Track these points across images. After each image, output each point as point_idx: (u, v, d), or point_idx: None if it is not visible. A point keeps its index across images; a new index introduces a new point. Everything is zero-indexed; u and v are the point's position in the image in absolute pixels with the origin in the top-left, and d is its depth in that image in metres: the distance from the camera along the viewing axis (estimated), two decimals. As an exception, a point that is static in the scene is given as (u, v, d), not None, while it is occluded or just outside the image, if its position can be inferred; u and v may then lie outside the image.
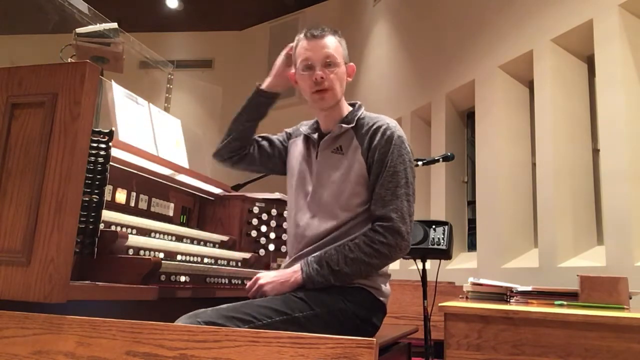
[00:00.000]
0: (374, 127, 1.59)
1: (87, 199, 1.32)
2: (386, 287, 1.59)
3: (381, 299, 1.56)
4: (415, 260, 2.78)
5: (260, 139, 1.80)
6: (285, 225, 2.22)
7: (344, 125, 1.62)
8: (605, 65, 3.29)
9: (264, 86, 1.74)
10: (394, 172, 1.52)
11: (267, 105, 1.76)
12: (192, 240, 1.93)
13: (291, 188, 1.70)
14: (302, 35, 1.63)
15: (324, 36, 1.59)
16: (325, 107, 1.62)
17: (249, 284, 1.54)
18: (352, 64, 1.67)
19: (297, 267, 1.51)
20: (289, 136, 1.81)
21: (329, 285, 1.48)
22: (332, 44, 1.60)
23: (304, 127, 1.75)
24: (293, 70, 1.67)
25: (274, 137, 1.82)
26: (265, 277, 1.51)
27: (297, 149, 1.73)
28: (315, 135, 1.67)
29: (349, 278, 1.49)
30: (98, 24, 2.77)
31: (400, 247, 1.49)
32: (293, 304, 1.42)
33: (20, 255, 1.17)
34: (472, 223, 4.88)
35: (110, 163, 1.38)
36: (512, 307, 1.60)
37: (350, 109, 1.68)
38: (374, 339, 0.94)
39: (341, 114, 1.65)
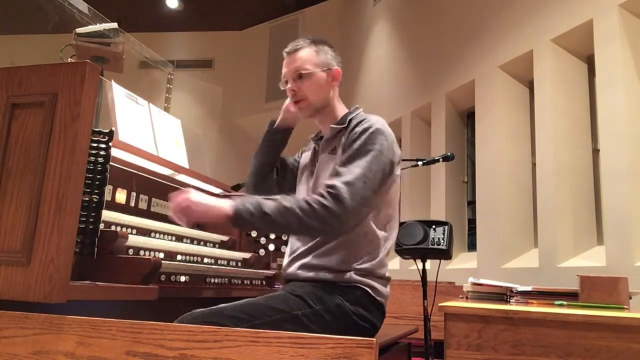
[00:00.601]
0: (357, 123, 1.58)
1: (87, 199, 1.32)
2: (384, 289, 1.59)
3: (379, 299, 1.56)
4: (415, 260, 2.78)
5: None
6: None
7: (333, 126, 1.65)
8: (605, 65, 3.29)
9: (275, 125, 1.76)
10: (356, 154, 1.49)
11: (282, 142, 1.78)
12: (192, 240, 1.93)
13: (298, 192, 1.74)
14: (284, 54, 1.68)
15: (296, 51, 1.64)
16: (305, 115, 1.67)
17: (177, 197, 1.44)
18: (336, 68, 1.67)
19: (229, 201, 1.44)
20: (303, 151, 1.86)
21: (255, 227, 1.48)
22: (305, 55, 1.63)
23: (313, 136, 1.80)
24: None
25: (289, 158, 1.85)
26: (196, 199, 1.43)
27: (306, 157, 1.79)
28: (318, 141, 1.72)
29: (278, 228, 1.47)
30: (98, 24, 2.77)
31: (340, 217, 1.41)
32: (291, 302, 1.43)
33: (20, 255, 1.17)
34: (472, 223, 4.88)
35: (110, 163, 1.38)
36: (512, 307, 1.60)
37: (347, 111, 1.69)
38: (374, 339, 0.94)
39: (335, 118, 1.68)
